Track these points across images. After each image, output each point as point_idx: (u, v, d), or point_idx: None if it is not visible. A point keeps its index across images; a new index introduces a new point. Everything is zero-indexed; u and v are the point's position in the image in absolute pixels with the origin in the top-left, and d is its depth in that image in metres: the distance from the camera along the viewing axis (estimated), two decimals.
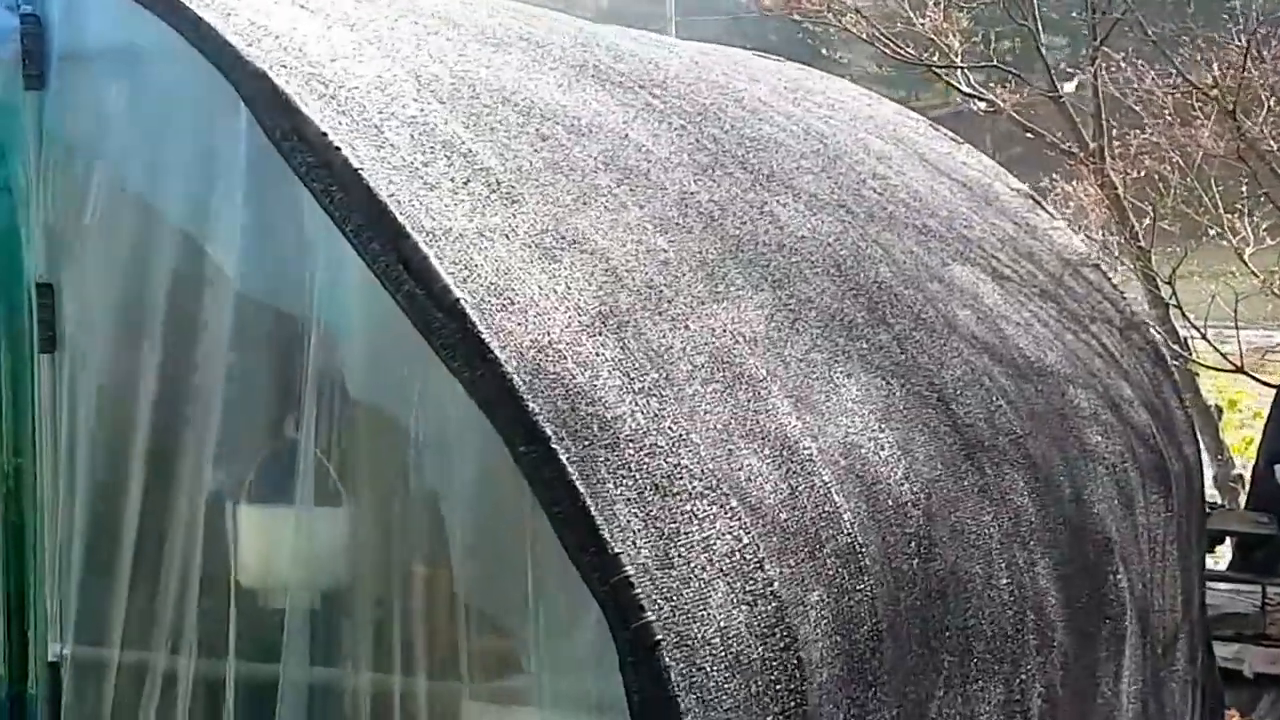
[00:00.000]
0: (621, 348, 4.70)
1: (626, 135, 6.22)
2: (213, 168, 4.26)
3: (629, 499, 4.17)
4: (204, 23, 4.49)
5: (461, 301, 4.22)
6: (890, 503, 5.49)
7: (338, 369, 4.02)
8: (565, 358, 4.42)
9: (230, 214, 4.61)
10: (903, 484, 5.61)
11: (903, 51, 16.78)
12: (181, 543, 4.47)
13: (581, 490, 3.93)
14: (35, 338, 4.92)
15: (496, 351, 4.16)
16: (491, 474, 4.16)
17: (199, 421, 4.22)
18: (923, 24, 16.77)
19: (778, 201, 6.77)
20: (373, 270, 4.14)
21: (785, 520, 4.81)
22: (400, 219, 4.29)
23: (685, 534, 4.29)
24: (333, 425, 4.44)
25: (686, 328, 5.17)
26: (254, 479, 4.50)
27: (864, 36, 16.42)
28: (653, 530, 4.18)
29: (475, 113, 5.34)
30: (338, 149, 4.37)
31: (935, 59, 16.87)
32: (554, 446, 4.03)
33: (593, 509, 3.92)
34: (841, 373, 5.83)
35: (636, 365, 4.73)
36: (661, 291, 5.20)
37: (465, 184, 4.82)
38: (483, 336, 4.16)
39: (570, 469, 4.02)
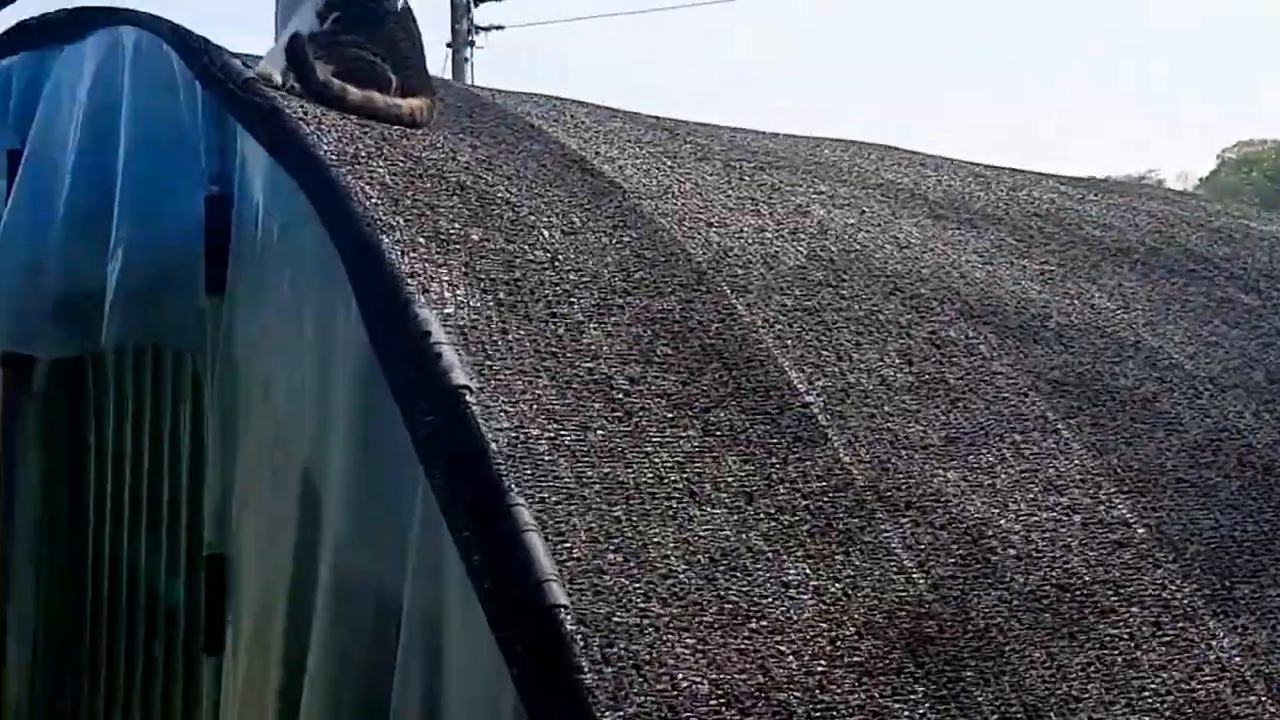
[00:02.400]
0: None
1: (1135, 342, 4.19)
2: (328, 394, 3.02)
3: None
4: (337, 184, 3.19)
5: (563, 616, 2.52)
6: None
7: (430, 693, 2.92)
8: None
9: (337, 455, 3.22)
10: None
11: None
12: None
13: None
14: (198, 632, 3.99)
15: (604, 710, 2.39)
16: None
17: None
18: None
19: None
20: (464, 562, 2.66)
21: None
22: (510, 491, 2.70)
23: None
24: None
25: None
26: None
27: None
28: None
29: (805, 304, 3.60)
30: (439, 357, 2.84)
31: None
32: None
33: None
34: None
35: None
36: (1063, 610, 3.14)
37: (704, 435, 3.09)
38: (588, 689, 2.42)
39: None
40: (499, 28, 20.79)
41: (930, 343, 3.81)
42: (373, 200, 3.35)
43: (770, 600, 2.87)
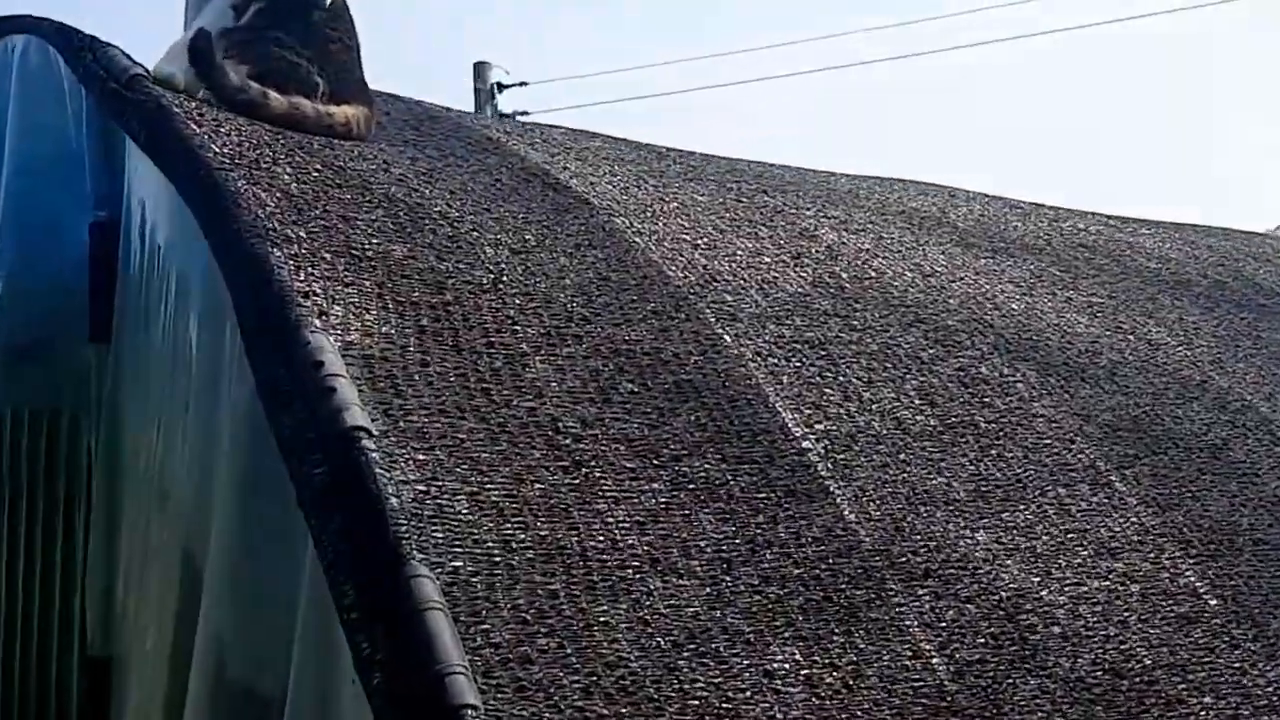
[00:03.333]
0: None
1: (1201, 382, 3.70)
2: (210, 447, 2.90)
3: None
4: (222, 189, 2.69)
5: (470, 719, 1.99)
6: None
7: None
8: None
9: (218, 519, 2.69)
10: None
11: None
12: None
13: None
14: None
15: None
16: None
17: None
18: None
19: None
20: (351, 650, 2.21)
21: None
22: (410, 559, 2.24)
23: None
24: None
25: None
26: None
27: None
28: None
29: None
30: (330, 393, 2.32)
31: None
32: None
33: None
34: None
35: None
36: (1119, 700, 2.60)
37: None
38: None
39: None
40: (524, 114, 20.47)
41: (957, 381, 3.25)
42: (269, 209, 2.83)
43: (749, 694, 2.29)
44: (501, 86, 20.56)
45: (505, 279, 2.97)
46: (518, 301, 2.91)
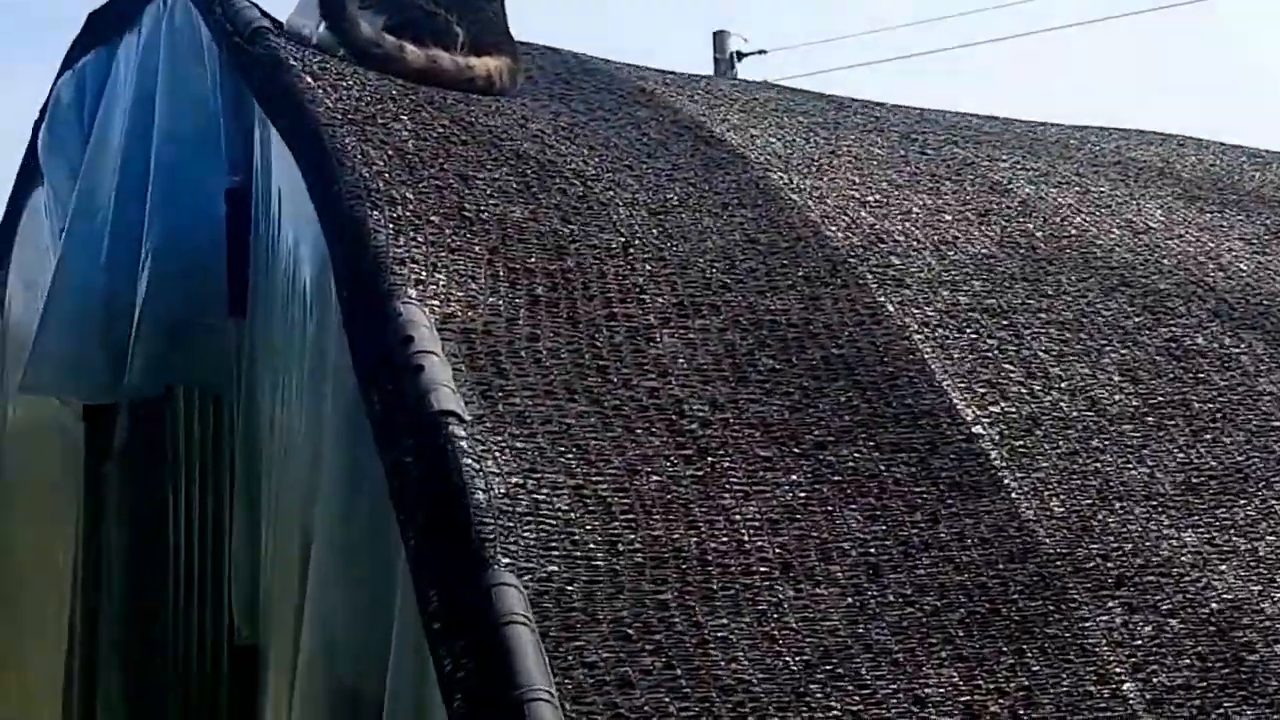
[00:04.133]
0: None
1: None
2: (321, 427, 2.69)
3: None
4: (327, 146, 2.51)
5: None
6: None
7: None
8: None
9: (321, 509, 2.52)
10: None
11: None
12: None
13: None
14: None
15: None
16: None
17: None
18: None
19: None
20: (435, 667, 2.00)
21: None
22: (494, 564, 2.02)
23: None
24: None
25: None
26: None
27: None
28: None
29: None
30: (418, 372, 2.11)
31: None
32: None
33: None
34: None
35: None
36: None
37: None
38: None
39: None
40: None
41: (1167, 353, 2.89)
42: (376, 167, 2.62)
43: None
44: (740, 55, 20.48)
45: (637, 242, 2.70)
46: (649, 268, 2.64)
